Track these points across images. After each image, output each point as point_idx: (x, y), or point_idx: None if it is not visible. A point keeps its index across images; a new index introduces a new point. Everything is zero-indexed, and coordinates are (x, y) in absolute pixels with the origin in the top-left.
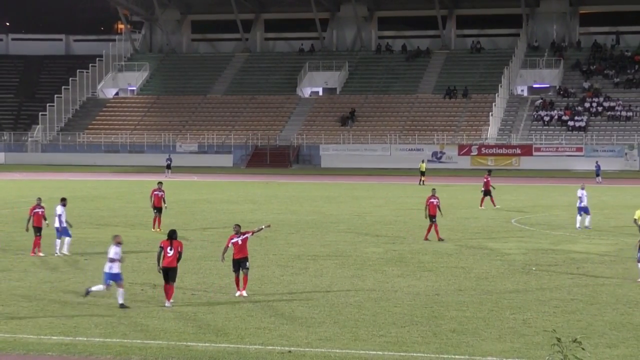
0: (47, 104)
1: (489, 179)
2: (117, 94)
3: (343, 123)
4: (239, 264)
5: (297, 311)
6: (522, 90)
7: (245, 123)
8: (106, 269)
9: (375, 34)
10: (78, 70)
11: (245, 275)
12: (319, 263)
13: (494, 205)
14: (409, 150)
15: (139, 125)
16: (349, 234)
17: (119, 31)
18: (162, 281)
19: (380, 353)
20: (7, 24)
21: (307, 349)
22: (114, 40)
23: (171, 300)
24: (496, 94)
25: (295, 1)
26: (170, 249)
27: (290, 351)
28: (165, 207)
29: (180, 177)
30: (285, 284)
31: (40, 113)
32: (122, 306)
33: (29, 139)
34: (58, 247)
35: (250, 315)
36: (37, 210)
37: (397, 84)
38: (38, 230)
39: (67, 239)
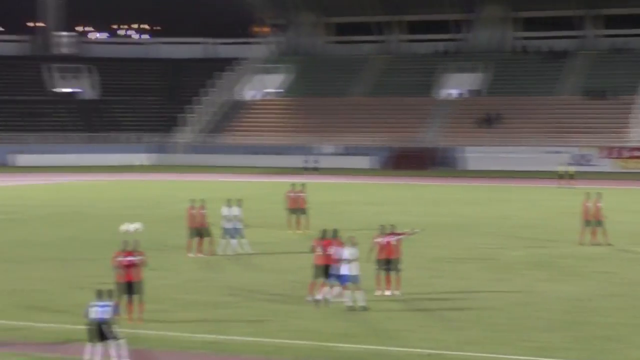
0: (192, 106)
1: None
2: (258, 96)
3: (482, 125)
4: (390, 263)
5: (439, 314)
6: None
7: (384, 125)
8: (344, 271)
9: (515, 35)
10: (221, 73)
11: (397, 276)
12: (462, 266)
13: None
14: (549, 152)
15: (280, 127)
16: (493, 236)
17: (261, 34)
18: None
19: (525, 358)
20: (152, 28)
21: (449, 352)
22: (256, 43)
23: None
24: (637, 95)
25: (434, 3)
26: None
27: (429, 354)
28: (307, 208)
29: (320, 179)
30: (428, 286)
31: (185, 115)
32: (363, 309)
33: (172, 141)
34: (222, 247)
35: (391, 317)
36: (195, 211)
37: (537, 85)
38: (198, 231)
39: (233, 240)
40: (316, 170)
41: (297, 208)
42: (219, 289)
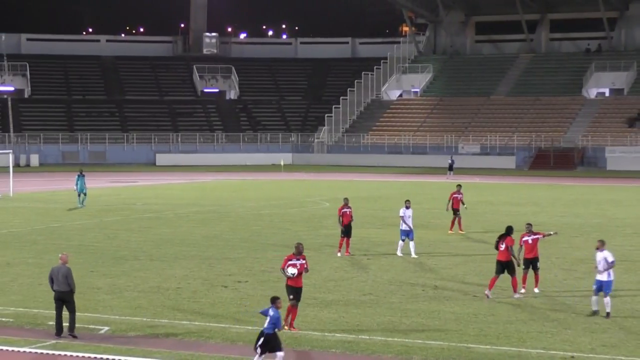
0: (333, 106)
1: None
2: (400, 95)
3: (630, 124)
4: (530, 263)
5: (580, 316)
6: None
7: (528, 124)
8: (607, 277)
9: None
10: (363, 73)
11: (537, 274)
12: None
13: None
14: None
15: (422, 127)
16: (636, 238)
17: (403, 33)
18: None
19: None
20: (296, 28)
21: (591, 355)
22: (399, 42)
23: (518, 293)
24: None
25: (582, 0)
26: (502, 244)
27: (573, 357)
28: (465, 207)
29: (463, 179)
30: (568, 287)
31: (326, 115)
32: (607, 315)
33: (315, 140)
34: (400, 248)
35: (532, 318)
36: (345, 210)
37: None
38: (346, 230)
39: (411, 242)
40: (451, 171)
41: (456, 209)
42: (350, 289)
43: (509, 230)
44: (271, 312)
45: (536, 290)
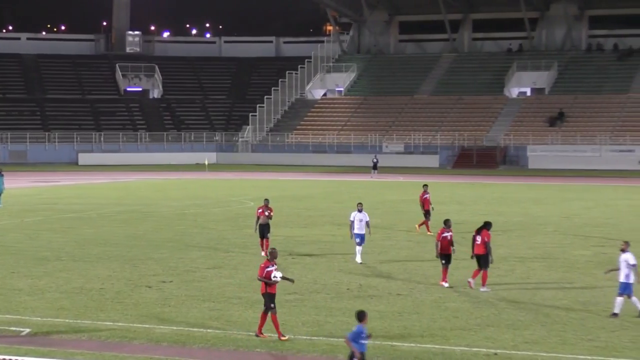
0: (257, 105)
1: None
2: (325, 94)
3: (551, 124)
4: (447, 258)
5: (503, 313)
6: None
7: (451, 123)
8: (623, 279)
9: (586, 32)
10: (287, 72)
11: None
12: (526, 265)
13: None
14: (620, 151)
15: (346, 126)
16: (557, 235)
17: (327, 33)
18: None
19: (589, 357)
20: (220, 27)
21: (513, 352)
22: (323, 41)
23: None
24: None
25: (504, 1)
26: (479, 238)
27: (496, 353)
28: (432, 208)
29: (386, 178)
30: (492, 285)
31: (250, 114)
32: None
33: (240, 139)
34: (359, 254)
35: (455, 316)
36: (262, 211)
37: (608, 83)
38: (263, 230)
39: (358, 248)
40: (375, 170)
41: (427, 210)
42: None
43: (487, 224)
44: (355, 329)
45: (445, 284)
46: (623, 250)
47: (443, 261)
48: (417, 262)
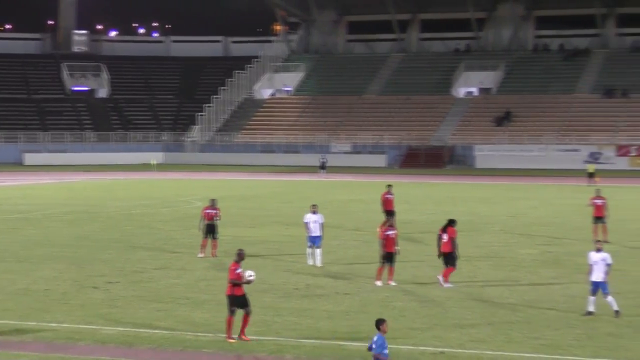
0: (205, 105)
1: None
2: (273, 94)
3: (498, 123)
4: (390, 256)
5: (449, 312)
6: None
7: (399, 123)
8: (597, 278)
9: (533, 33)
10: (235, 72)
11: (392, 267)
12: (473, 264)
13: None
14: (566, 151)
15: (294, 126)
16: (504, 234)
17: (275, 32)
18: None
19: (535, 355)
20: (168, 26)
21: (460, 350)
22: (271, 41)
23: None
24: None
25: (451, 1)
26: (445, 235)
27: (443, 352)
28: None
29: (335, 177)
30: (438, 284)
31: (198, 114)
32: (617, 313)
33: (187, 139)
34: (309, 256)
35: (402, 315)
36: (209, 211)
37: (555, 83)
38: (209, 230)
39: (318, 250)
40: (323, 169)
41: (389, 210)
42: (223, 288)
43: (451, 222)
44: (375, 338)
45: (392, 283)
46: (599, 250)
47: (384, 260)
48: (365, 261)
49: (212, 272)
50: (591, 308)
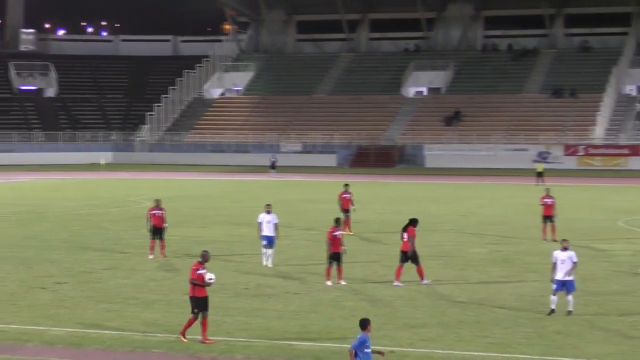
0: (155, 104)
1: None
2: (223, 94)
3: (448, 123)
4: (337, 256)
5: (399, 311)
6: (631, 90)
7: (349, 123)
8: (562, 277)
9: (482, 33)
10: (185, 71)
11: (340, 267)
12: (423, 263)
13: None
14: (514, 150)
15: (244, 125)
16: (454, 234)
17: (225, 32)
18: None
19: (484, 354)
20: (117, 25)
21: (410, 349)
22: (221, 40)
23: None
24: (604, 94)
25: (401, 1)
26: (405, 235)
27: (393, 351)
28: (354, 209)
29: (285, 177)
30: (389, 284)
31: (147, 113)
32: (569, 313)
33: (137, 139)
34: (264, 257)
35: (353, 314)
36: (155, 212)
37: (503, 83)
38: (156, 231)
39: (269, 250)
40: (274, 169)
41: (346, 209)
42: (172, 288)
43: (412, 221)
44: (358, 338)
45: (342, 282)
46: (565, 249)
47: (331, 260)
48: (315, 261)
49: (162, 273)
50: (554, 306)
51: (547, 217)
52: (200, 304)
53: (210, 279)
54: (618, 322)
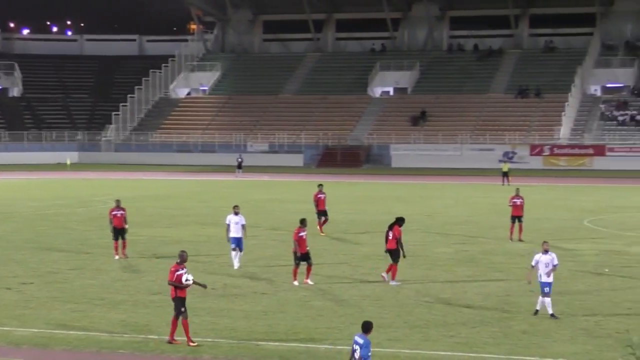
0: (121, 104)
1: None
2: (189, 93)
3: (414, 123)
4: (305, 256)
5: (366, 311)
6: (596, 90)
7: (316, 123)
8: (546, 279)
9: (447, 33)
10: (151, 71)
11: (310, 266)
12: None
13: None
14: (480, 150)
15: (211, 125)
16: (420, 234)
17: (191, 31)
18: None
19: (450, 353)
20: (82, 25)
21: (377, 349)
22: (187, 40)
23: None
24: (569, 94)
25: (367, 1)
26: (390, 233)
27: None
28: (327, 211)
29: (251, 177)
30: (355, 284)
31: (113, 113)
32: (553, 316)
33: (103, 139)
34: (234, 258)
35: (320, 314)
36: (115, 212)
37: (469, 83)
38: (118, 232)
39: (239, 252)
40: (240, 169)
41: (321, 210)
42: (138, 288)
43: (398, 220)
44: (360, 340)
45: (310, 282)
46: (546, 251)
47: (300, 260)
48: (282, 261)
49: (128, 273)
50: (539, 307)
51: (516, 217)
52: (181, 304)
53: (187, 280)
54: (584, 321)
